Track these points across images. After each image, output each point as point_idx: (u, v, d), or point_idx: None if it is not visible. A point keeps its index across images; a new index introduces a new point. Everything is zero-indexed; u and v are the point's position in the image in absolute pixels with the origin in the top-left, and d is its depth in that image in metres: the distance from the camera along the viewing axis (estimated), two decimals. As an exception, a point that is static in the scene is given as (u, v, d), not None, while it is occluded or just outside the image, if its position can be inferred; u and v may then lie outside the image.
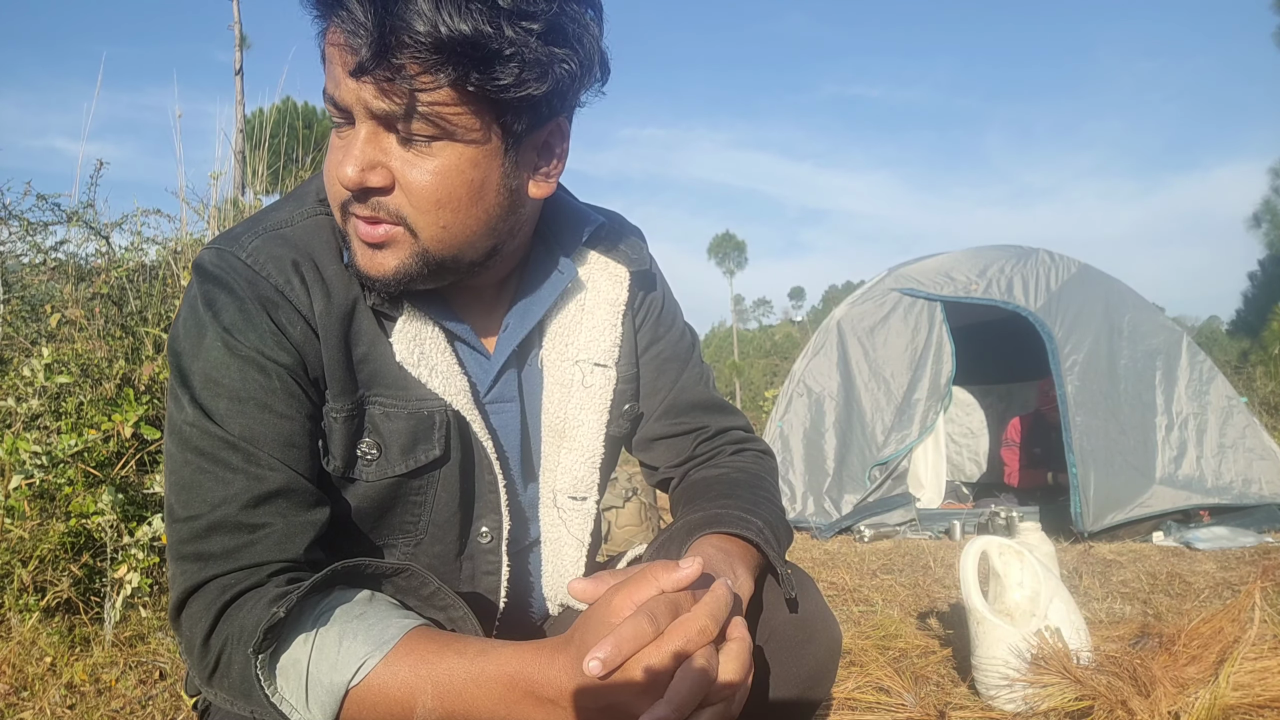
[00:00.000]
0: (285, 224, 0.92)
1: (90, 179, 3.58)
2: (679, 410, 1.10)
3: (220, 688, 0.79)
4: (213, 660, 0.79)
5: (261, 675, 0.75)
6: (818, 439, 5.28)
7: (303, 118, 5.45)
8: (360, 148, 0.80)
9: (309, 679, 0.75)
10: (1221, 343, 18.69)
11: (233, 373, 0.84)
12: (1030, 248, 5.45)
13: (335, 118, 0.83)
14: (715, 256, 44.45)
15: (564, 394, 1.03)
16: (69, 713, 1.95)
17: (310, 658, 0.76)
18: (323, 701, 0.74)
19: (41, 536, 2.41)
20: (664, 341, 1.11)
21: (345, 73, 0.77)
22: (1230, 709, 1.81)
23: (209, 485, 0.82)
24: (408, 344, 0.92)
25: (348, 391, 0.90)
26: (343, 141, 0.83)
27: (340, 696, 0.74)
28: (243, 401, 0.84)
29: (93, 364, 2.89)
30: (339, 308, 0.89)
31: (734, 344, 36.63)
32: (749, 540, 0.90)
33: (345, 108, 0.81)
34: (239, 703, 0.78)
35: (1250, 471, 4.86)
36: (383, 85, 0.77)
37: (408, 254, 0.85)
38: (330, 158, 0.85)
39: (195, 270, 0.90)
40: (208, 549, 0.81)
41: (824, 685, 0.98)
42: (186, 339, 0.87)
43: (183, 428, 0.84)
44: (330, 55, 0.80)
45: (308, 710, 0.75)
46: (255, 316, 0.86)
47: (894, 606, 3.10)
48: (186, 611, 0.81)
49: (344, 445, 0.91)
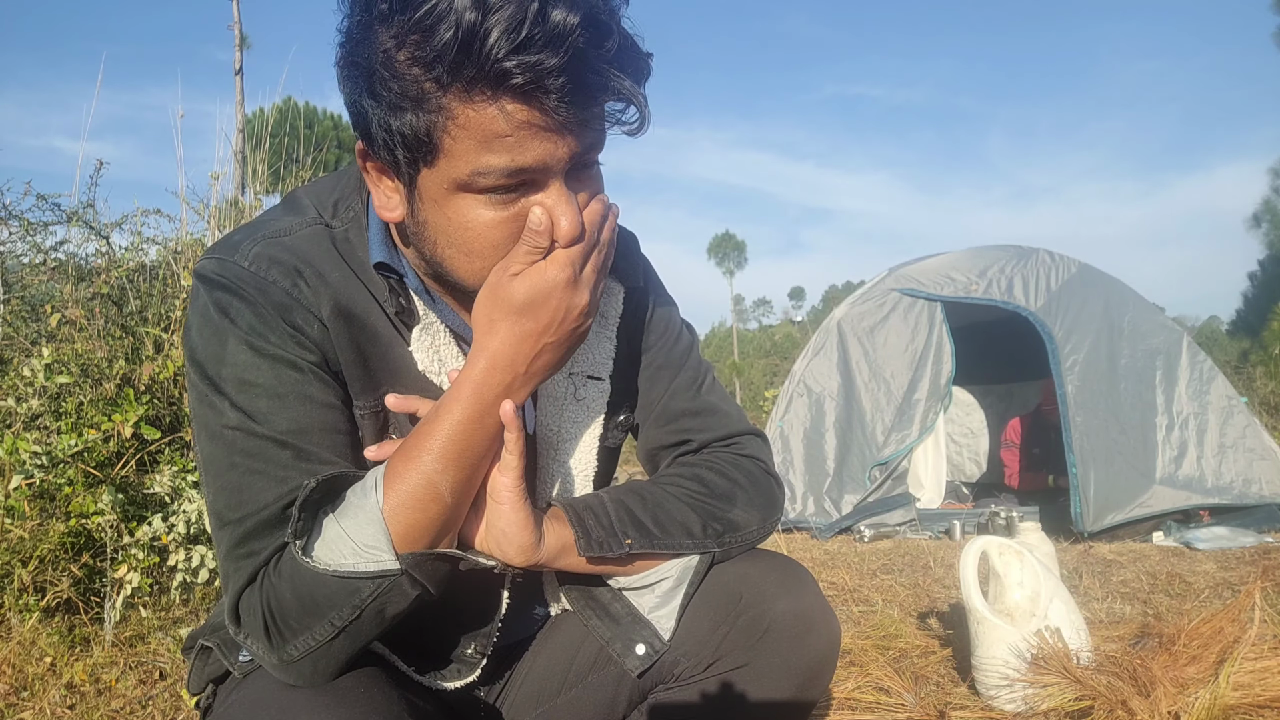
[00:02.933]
0: (285, 233, 0.92)
1: (90, 179, 3.58)
2: (669, 418, 1.10)
3: (294, 635, 0.81)
4: (277, 622, 0.81)
5: (305, 555, 0.80)
6: (818, 439, 5.28)
7: (303, 118, 5.45)
8: (572, 203, 0.82)
9: (349, 534, 0.80)
10: (1221, 343, 18.70)
11: (265, 372, 0.85)
12: (1030, 248, 5.45)
13: (497, 188, 0.80)
14: (715, 256, 44.47)
15: (557, 407, 1.03)
16: (69, 713, 1.95)
17: (341, 525, 0.81)
18: (370, 535, 0.80)
19: (41, 536, 2.41)
20: (655, 350, 1.11)
21: (553, 132, 0.77)
22: (1230, 709, 1.81)
23: (260, 485, 0.83)
24: (426, 352, 0.94)
25: (369, 389, 0.91)
26: (508, 207, 0.82)
27: (381, 521, 0.80)
28: (282, 397, 0.85)
29: (93, 364, 2.89)
30: (346, 309, 0.90)
31: (734, 344, 36.62)
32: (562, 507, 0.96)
33: (537, 176, 0.80)
34: (311, 622, 0.80)
35: (1250, 471, 4.86)
36: (594, 126, 0.80)
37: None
38: (495, 229, 0.83)
39: (199, 279, 0.89)
40: (261, 545, 0.82)
41: (823, 680, 0.99)
42: (206, 347, 0.86)
43: (224, 432, 0.84)
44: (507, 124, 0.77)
45: (362, 553, 0.80)
46: (271, 320, 0.86)
47: (894, 606, 3.10)
48: (244, 603, 0.83)
49: (375, 439, 0.93)
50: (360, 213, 0.96)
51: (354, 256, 0.93)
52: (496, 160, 0.78)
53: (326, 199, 0.97)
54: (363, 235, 0.95)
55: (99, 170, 3.60)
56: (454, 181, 0.81)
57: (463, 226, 0.83)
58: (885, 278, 5.71)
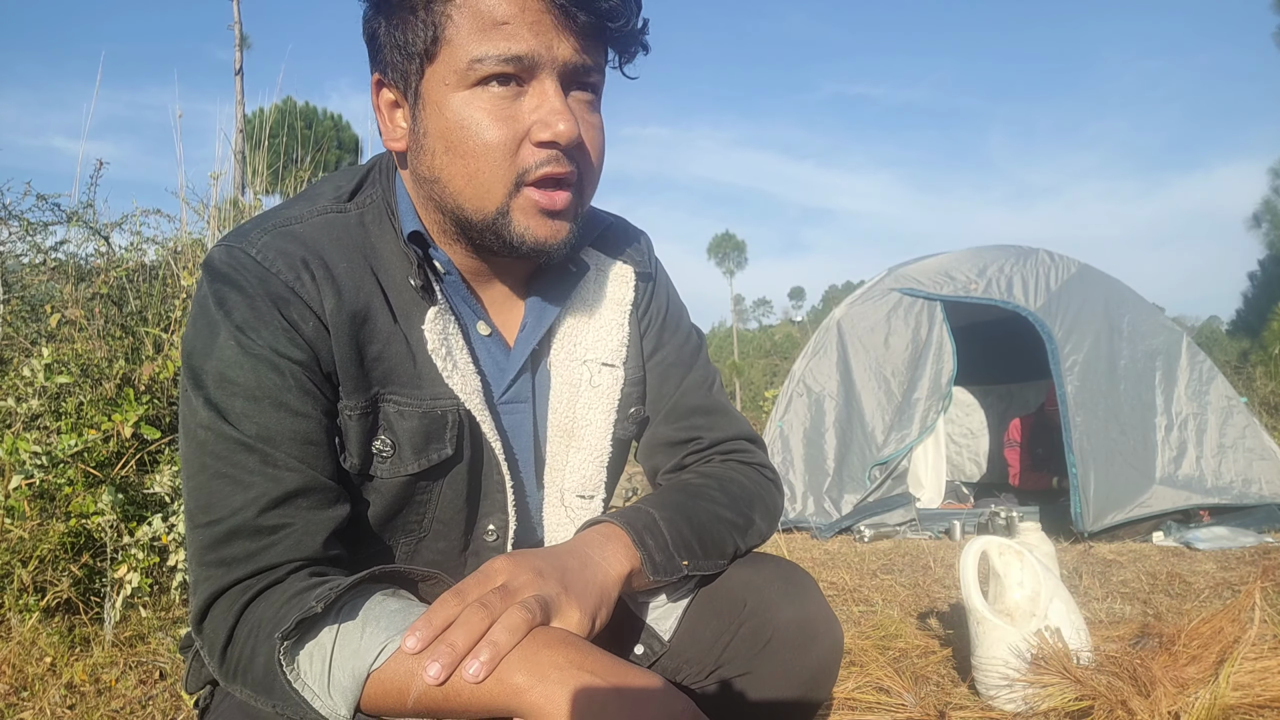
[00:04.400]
0: (295, 221, 0.92)
1: (90, 179, 3.58)
2: (680, 414, 1.10)
3: (243, 683, 0.79)
4: (236, 656, 0.80)
5: (284, 661, 0.75)
6: (818, 439, 5.28)
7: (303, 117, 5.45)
8: (565, 103, 0.84)
9: (332, 664, 0.75)
10: (1221, 343, 18.69)
11: (246, 371, 0.84)
12: (1030, 247, 5.45)
13: (496, 77, 0.83)
14: (715, 256, 44.46)
15: (572, 393, 1.03)
16: (69, 713, 1.95)
17: (335, 643, 0.76)
18: (345, 687, 0.74)
19: (41, 536, 2.41)
20: (669, 347, 1.11)
21: (550, 23, 0.82)
22: (1230, 709, 1.81)
23: (227, 490, 0.82)
24: (438, 336, 0.92)
25: (361, 389, 0.90)
26: (506, 105, 0.84)
27: (362, 681, 0.73)
28: (258, 400, 0.84)
29: (93, 364, 2.89)
30: (350, 305, 0.89)
31: (734, 344, 36.61)
32: (622, 527, 0.91)
33: (531, 65, 0.83)
34: (260, 697, 0.78)
35: (1250, 471, 4.86)
36: (591, 39, 0.83)
37: (576, 216, 0.90)
38: (494, 127, 0.85)
39: (205, 269, 0.89)
40: (230, 554, 0.81)
41: (826, 686, 0.99)
42: (198, 339, 0.86)
43: (197, 431, 0.84)
44: (508, 10, 0.82)
45: (329, 696, 0.75)
46: (267, 314, 0.85)
47: (894, 606, 3.10)
48: (210, 616, 0.82)
49: (360, 443, 0.91)
50: (379, 198, 0.96)
51: (365, 242, 0.93)
52: (494, 47, 0.82)
53: (346, 185, 0.97)
54: (380, 218, 0.95)
55: (99, 170, 3.60)
56: (454, 74, 0.84)
57: (459, 125, 0.85)
58: (885, 277, 5.70)
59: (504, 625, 0.72)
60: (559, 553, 0.85)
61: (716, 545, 0.98)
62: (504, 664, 0.70)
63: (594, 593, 0.82)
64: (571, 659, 0.71)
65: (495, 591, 0.76)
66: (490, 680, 0.70)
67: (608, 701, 0.68)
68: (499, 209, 0.86)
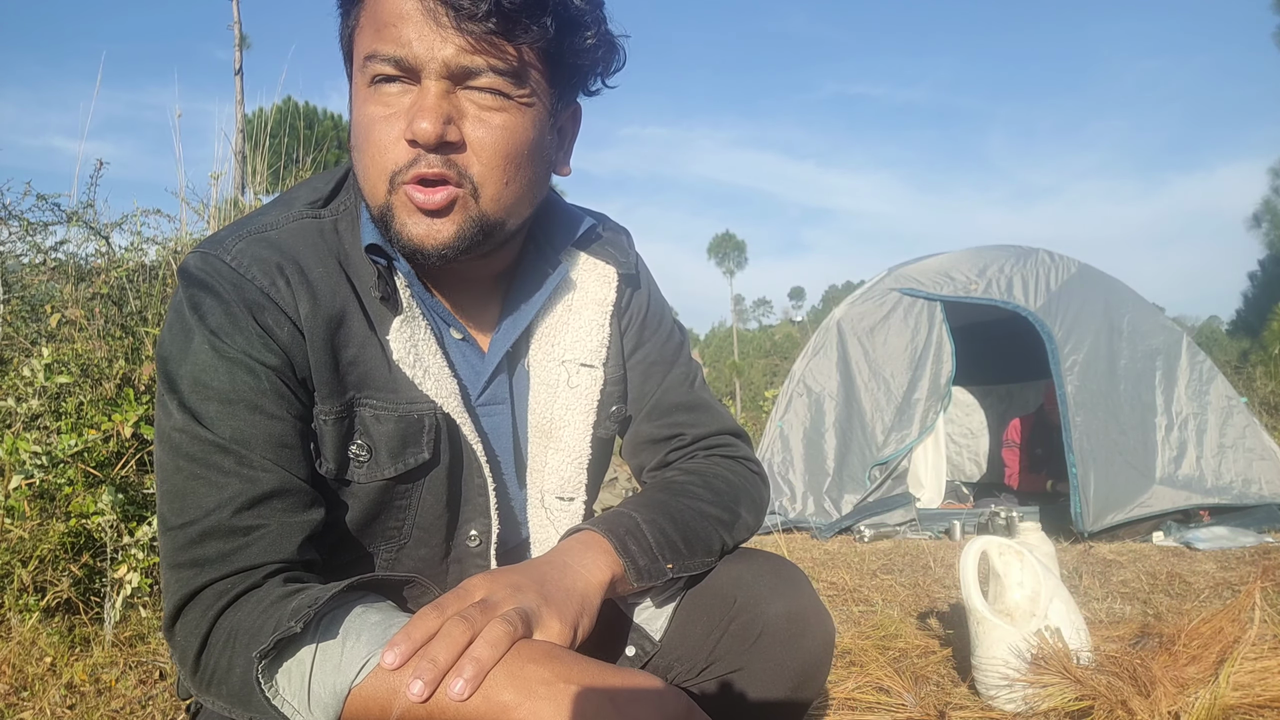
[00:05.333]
0: (270, 227, 0.91)
1: (90, 179, 3.58)
2: (662, 411, 1.10)
3: (217, 694, 0.78)
4: (210, 666, 0.78)
5: (263, 678, 0.74)
6: (818, 439, 5.28)
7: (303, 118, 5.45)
8: (435, 102, 0.82)
9: (312, 680, 0.74)
10: (1221, 343, 18.71)
11: (221, 375, 0.84)
12: (1030, 247, 5.45)
13: (384, 77, 0.83)
14: (715, 256, 44.47)
15: (550, 394, 1.02)
16: (69, 713, 1.95)
17: (314, 659, 0.74)
18: (325, 703, 0.73)
19: (41, 536, 2.41)
20: (650, 345, 1.11)
21: (432, 26, 0.80)
22: (1230, 709, 1.81)
23: (202, 491, 0.82)
24: (404, 344, 0.91)
25: (336, 394, 0.90)
26: (393, 104, 0.84)
27: (343, 697, 0.72)
28: (232, 404, 0.83)
29: (93, 364, 2.89)
30: (325, 310, 0.89)
31: (734, 344, 36.62)
32: (603, 533, 0.91)
33: (412, 66, 0.82)
34: (236, 709, 0.77)
35: (1250, 471, 4.86)
36: (482, 40, 0.81)
37: (466, 218, 0.86)
38: (378, 125, 0.84)
39: (180, 275, 0.89)
40: (203, 555, 0.81)
41: (817, 681, 0.98)
42: (173, 344, 0.86)
43: (171, 434, 0.84)
44: (395, 12, 0.82)
45: (309, 712, 0.74)
46: (241, 319, 0.85)
47: (894, 606, 3.10)
48: (182, 620, 0.81)
49: (335, 447, 0.90)
50: (352, 204, 0.96)
51: (339, 247, 0.93)
52: (383, 47, 0.83)
53: (322, 189, 0.97)
54: (353, 224, 0.94)
55: (99, 170, 3.60)
56: (359, 73, 0.86)
57: (357, 122, 0.87)
58: (885, 277, 5.71)
59: (486, 639, 0.72)
60: (537, 564, 0.85)
61: (703, 543, 0.97)
62: (489, 680, 0.70)
63: (574, 602, 0.82)
64: (558, 672, 0.70)
65: (475, 606, 0.75)
66: (476, 697, 0.69)
67: (599, 712, 0.68)
68: (382, 206, 0.86)
